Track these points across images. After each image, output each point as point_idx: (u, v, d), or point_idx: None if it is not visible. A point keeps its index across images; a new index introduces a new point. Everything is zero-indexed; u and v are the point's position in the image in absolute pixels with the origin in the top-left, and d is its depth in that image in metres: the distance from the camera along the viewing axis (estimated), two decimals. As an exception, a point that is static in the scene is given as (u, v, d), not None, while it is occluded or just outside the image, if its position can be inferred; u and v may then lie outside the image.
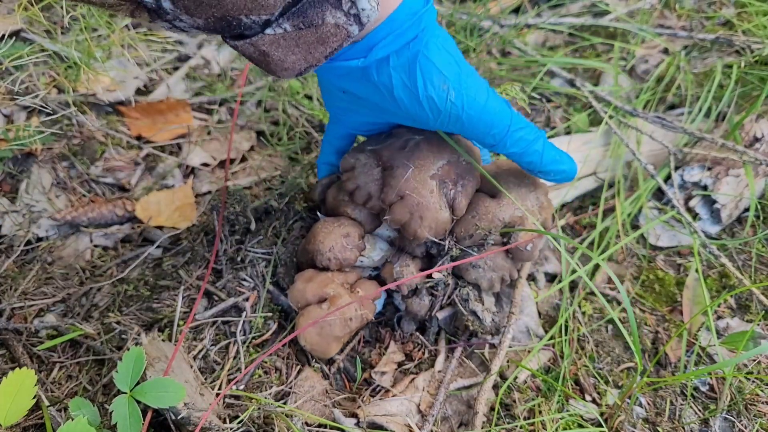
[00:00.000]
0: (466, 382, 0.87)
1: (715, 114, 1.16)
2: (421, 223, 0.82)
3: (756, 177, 1.08)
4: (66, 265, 1.02)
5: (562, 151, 0.83)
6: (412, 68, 0.71)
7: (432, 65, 0.71)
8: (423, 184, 0.82)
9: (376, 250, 0.89)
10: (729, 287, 1.00)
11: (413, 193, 0.82)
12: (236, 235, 1.03)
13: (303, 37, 0.65)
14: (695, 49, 1.31)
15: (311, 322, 0.83)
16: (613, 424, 0.82)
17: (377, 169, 0.86)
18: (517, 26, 1.28)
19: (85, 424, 0.65)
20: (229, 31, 0.64)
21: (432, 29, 0.72)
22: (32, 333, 0.91)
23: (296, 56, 0.67)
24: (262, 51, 0.66)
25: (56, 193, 1.14)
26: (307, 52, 0.67)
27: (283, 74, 0.70)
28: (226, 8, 0.60)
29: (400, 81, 0.72)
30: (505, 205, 0.86)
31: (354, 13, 0.64)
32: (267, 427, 0.79)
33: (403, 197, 0.82)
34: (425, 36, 0.71)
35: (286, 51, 0.66)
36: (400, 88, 0.73)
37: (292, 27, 0.64)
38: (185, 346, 0.88)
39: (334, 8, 0.64)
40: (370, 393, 0.86)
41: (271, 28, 0.63)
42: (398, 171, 0.82)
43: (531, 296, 0.99)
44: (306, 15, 0.63)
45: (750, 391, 0.87)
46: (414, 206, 0.81)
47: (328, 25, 0.64)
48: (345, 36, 0.66)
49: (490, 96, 0.75)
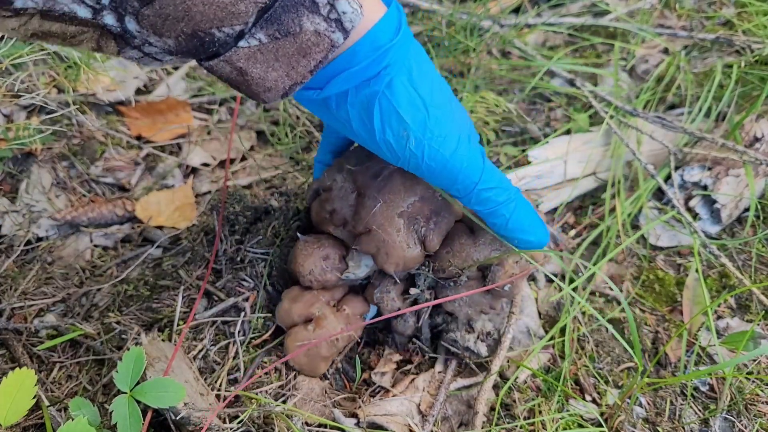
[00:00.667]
0: (466, 382, 0.88)
1: (715, 114, 1.16)
2: (387, 260, 0.79)
3: (756, 177, 1.08)
4: (66, 265, 1.02)
5: (536, 217, 0.75)
6: (370, 108, 0.65)
7: (392, 108, 0.65)
8: (390, 222, 0.78)
9: (361, 267, 0.87)
10: (729, 287, 1.00)
11: (379, 230, 0.78)
12: (236, 235, 1.03)
13: (282, 49, 0.59)
14: (695, 49, 1.31)
15: (299, 345, 0.83)
16: (613, 424, 0.82)
17: (353, 195, 0.83)
18: (518, 26, 1.28)
19: (85, 424, 0.65)
20: (203, 51, 0.58)
21: (401, 64, 0.64)
22: (32, 333, 0.91)
23: (278, 72, 0.61)
24: (239, 68, 0.60)
25: (56, 193, 1.14)
26: (288, 66, 0.60)
27: (266, 96, 0.63)
28: (195, 21, 0.54)
29: (359, 118, 0.66)
30: (482, 244, 0.81)
31: (335, 17, 0.59)
32: (267, 427, 0.79)
33: (370, 231, 0.79)
34: (390, 73, 0.64)
35: (265, 67, 0.60)
36: (358, 124, 0.67)
37: (268, 37, 0.58)
38: (185, 346, 0.88)
39: (311, 13, 0.58)
40: (369, 393, 0.86)
41: (245, 39, 0.57)
42: (368, 202, 0.79)
43: (531, 296, 0.99)
44: (281, 22, 0.57)
45: (750, 391, 0.87)
46: (380, 242, 0.78)
47: (307, 33, 0.58)
48: (329, 45, 0.60)
49: (461, 147, 0.67)
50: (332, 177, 0.85)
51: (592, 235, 1.05)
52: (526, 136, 1.22)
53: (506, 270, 0.82)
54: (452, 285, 0.84)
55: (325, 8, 0.58)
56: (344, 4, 0.59)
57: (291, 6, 0.57)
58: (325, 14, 0.58)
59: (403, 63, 0.65)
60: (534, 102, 1.28)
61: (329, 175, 0.85)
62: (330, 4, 0.58)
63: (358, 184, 0.82)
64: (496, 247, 0.81)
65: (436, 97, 0.67)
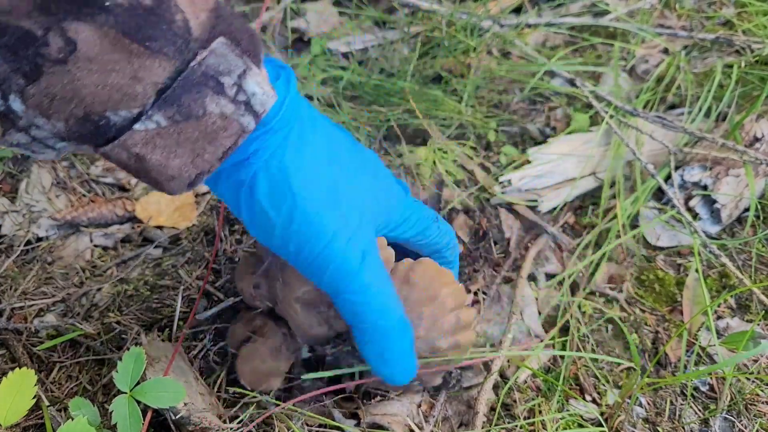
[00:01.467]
0: (466, 383, 0.88)
1: (715, 114, 1.16)
2: (297, 333, 0.76)
3: (756, 177, 1.08)
4: (66, 265, 1.02)
5: (404, 351, 0.66)
6: (237, 196, 0.60)
7: (256, 200, 0.59)
8: (289, 305, 0.73)
9: None
10: (729, 287, 1.00)
11: (283, 307, 0.75)
12: (236, 235, 1.03)
13: (184, 133, 0.52)
14: (695, 49, 1.31)
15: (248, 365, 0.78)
16: (613, 424, 0.83)
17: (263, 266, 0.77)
18: (518, 26, 1.28)
19: (85, 424, 0.65)
20: (99, 136, 0.51)
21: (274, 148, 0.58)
22: (32, 333, 0.91)
23: (181, 160, 0.53)
24: (135, 154, 0.52)
25: (56, 192, 1.14)
26: (193, 153, 0.53)
27: (170, 186, 0.56)
28: (86, 103, 0.48)
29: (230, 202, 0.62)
30: None
31: (243, 100, 0.53)
32: (267, 427, 0.79)
33: (277, 304, 0.76)
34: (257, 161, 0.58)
35: (166, 153, 0.53)
36: (232, 206, 0.63)
37: (167, 120, 0.51)
38: (185, 346, 0.88)
39: (216, 94, 0.52)
40: (371, 394, 0.86)
41: (141, 122, 0.50)
42: (271, 282, 0.75)
43: (531, 296, 0.99)
44: (181, 103, 0.51)
45: (750, 391, 0.87)
46: (287, 316, 0.75)
47: (212, 116, 0.52)
48: (239, 130, 0.54)
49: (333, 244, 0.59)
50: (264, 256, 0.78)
51: (591, 235, 1.05)
52: (526, 136, 1.22)
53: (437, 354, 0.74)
54: None
55: (232, 89, 0.52)
56: (253, 85, 0.53)
57: (192, 86, 0.51)
58: (232, 96, 0.52)
59: (277, 146, 0.59)
60: (534, 102, 1.28)
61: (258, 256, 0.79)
62: (237, 85, 0.52)
63: (265, 259, 0.77)
64: None
65: (315, 186, 0.60)
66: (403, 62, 1.22)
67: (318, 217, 0.59)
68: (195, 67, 0.51)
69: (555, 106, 1.25)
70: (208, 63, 0.51)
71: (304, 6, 1.42)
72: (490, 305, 0.97)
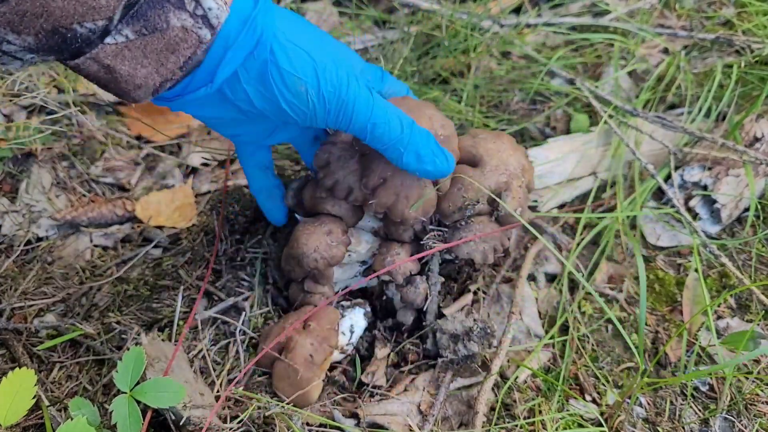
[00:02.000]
0: (466, 382, 0.88)
1: (715, 114, 1.16)
2: (408, 203, 0.80)
3: (756, 177, 1.08)
4: (66, 265, 1.02)
5: (433, 147, 0.77)
6: (264, 78, 0.67)
7: (283, 71, 0.67)
8: None
9: (362, 244, 0.88)
10: (729, 287, 1.00)
11: (396, 174, 0.80)
12: (236, 235, 1.03)
13: (150, 45, 0.59)
14: (695, 49, 1.31)
15: (286, 380, 0.82)
16: (613, 424, 0.82)
17: (353, 160, 0.84)
18: (518, 26, 1.28)
19: (85, 424, 0.65)
20: (66, 48, 0.56)
21: (271, 28, 0.66)
22: (32, 333, 0.91)
23: (147, 69, 0.60)
24: (106, 66, 0.59)
25: (56, 192, 1.14)
26: (158, 63, 0.61)
27: (137, 94, 0.62)
28: (54, 17, 0.53)
29: (258, 93, 0.68)
30: (489, 172, 0.85)
31: (201, 14, 0.60)
32: (267, 427, 0.79)
33: (385, 179, 0.80)
34: (267, 40, 0.66)
35: (134, 64, 0.59)
36: (260, 100, 0.69)
37: (135, 33, 0.58)
38: (185, 346, 0.88)
39: (177, 9, 0.59)
40: (370, 393, 0.86)
41: (111, 36, 0.57)
42: (377, 155, 0.80)
43: (531, 296, 0.99)
44: (147, 18, 0.58)
45: (750, 391, 0.87)
46: (398, 186, 0.80)
47: (174, 29, 0.59)
48: (196, 42, 0.61)
49: (351, 84, 0.71)
50: (327, 151, 0.86)
51: (591, 235, 1.05)
52: (526, 136, 1.22)
53: (514, 194, 0.85)
54: (464, 225, 0.85)
55: (191, 4, 0.59)
56: (209, 1, 0.59)
57: (156, 2, 0.57)
58: (191, 10, 0.59)
59: (275, 24, 0.66)
60: (534, 102, 1.28)
61: (322, 152, 0.86)
62: (195, 1, 0.59)
63: (361, 145, 0.83)
64: (501, 171, 0.86)
65: (317, 44, 0.70)
66: (404, 62, 1.22)
67: (334, 65, 0.70)
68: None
69: (555, 106, 1.25)
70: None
71: (304, 6, 1.42)
72: (490, 305, 0.97)
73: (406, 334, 0.92)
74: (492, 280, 1.00)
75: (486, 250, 0.86)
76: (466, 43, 1.23)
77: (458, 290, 0.98)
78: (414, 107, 0.83)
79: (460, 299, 0.96)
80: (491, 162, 0.86)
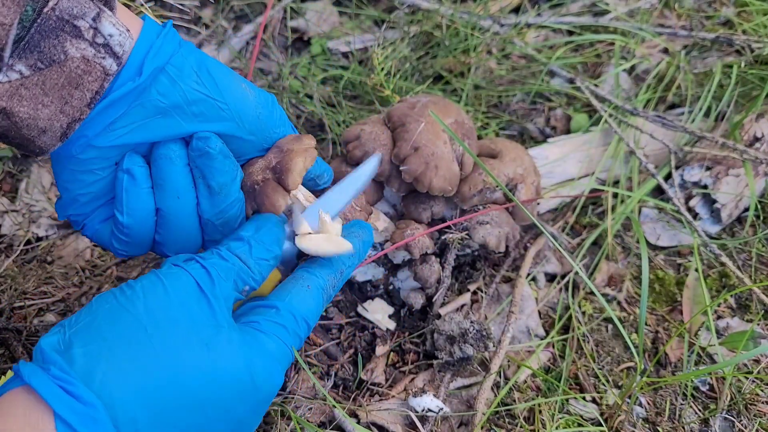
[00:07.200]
0: (466, 382, 0.88)
1: (715, 113, 1.16)
2: (437, 173, 0.86)
3: (756, 176, 1.07)
4: (66, 265, 1.02)
5: None
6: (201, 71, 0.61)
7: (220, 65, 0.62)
8: (437, 136, 0.87)
9: (380, 220, 0.92)
10: (729, 287, 1.00)
11: (428, 144, 0.87)
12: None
13: (49, 80, 0.52)
14: (695, 49, 1.31)
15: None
16: (613, 423, 0.82)
17: (384, 135, 0.90)
18: (518, 26, 1.28)
19: (85, 424, 0.65)
20: None
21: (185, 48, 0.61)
22: (32, 332, 0.91)
23: (50, 109, 0.53)
24: (2, 110, 0.51)
25: (56, 192, 1.14)
26: (62, 100, 0.53)
27: (42, 141, 0.55)
28: None
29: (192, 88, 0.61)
30: (508, 162, 0.95)
31: (101, 42, 0.53)
32: (267, 426, 0.79)
33: (417, 149, 0.86)
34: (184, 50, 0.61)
35: (34, 104, 0.52)
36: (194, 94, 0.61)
37: (29, 68, 0.51)
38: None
39: (73, 38, 0.52)
40: (370, 393, 0.86)
41: (3, 73, 0.50)
42: (411, 126, 0.87)
43: (531, 296, 0.99)
44: (41, 49, 0.51)
45: (750, 391, 0.87)
46: (429, 156, 0.86)
47: (74, 60, 0.52)
48: (102, 74, 0.54)
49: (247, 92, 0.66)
50: (358, 128, 0.92)
51: (592, 236, 1.05)
52: (526, 136, 1.22)
53: (528, 188, 0.95)
54: (480, 209, 0.92)
55: (89, 32, 0.53)
56: (109, 27, 0.54)
57: (50, 31, 0.51)
58: (90, 39, 0.53)
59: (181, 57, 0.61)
60: (534, 102, 1.28)
61: (354, 129, 0.92)
62: (93, 28, 0.53)
63: (394, 119, 0.90)
64: (518, 164, 0.95)
65: None
66: (404, 62, 1.22)
67: None
68: (48, 12, 0.51)
69: (555, 106, 1.25)
70: (61, 7, 0.51)
71: (304, 6, 1.42)
72: (490, 304, 0.97)
73: (409, 331, 0.92)
74: (491, 280, 1.00)
75: (500, 235, 0.91)
76: (466, 42, 1.23)
77: (458, 289, 0.98)
78: (440, 106, 0.92)
79: (457, 298, 0.96)
80: (510, 155, 0.96)
